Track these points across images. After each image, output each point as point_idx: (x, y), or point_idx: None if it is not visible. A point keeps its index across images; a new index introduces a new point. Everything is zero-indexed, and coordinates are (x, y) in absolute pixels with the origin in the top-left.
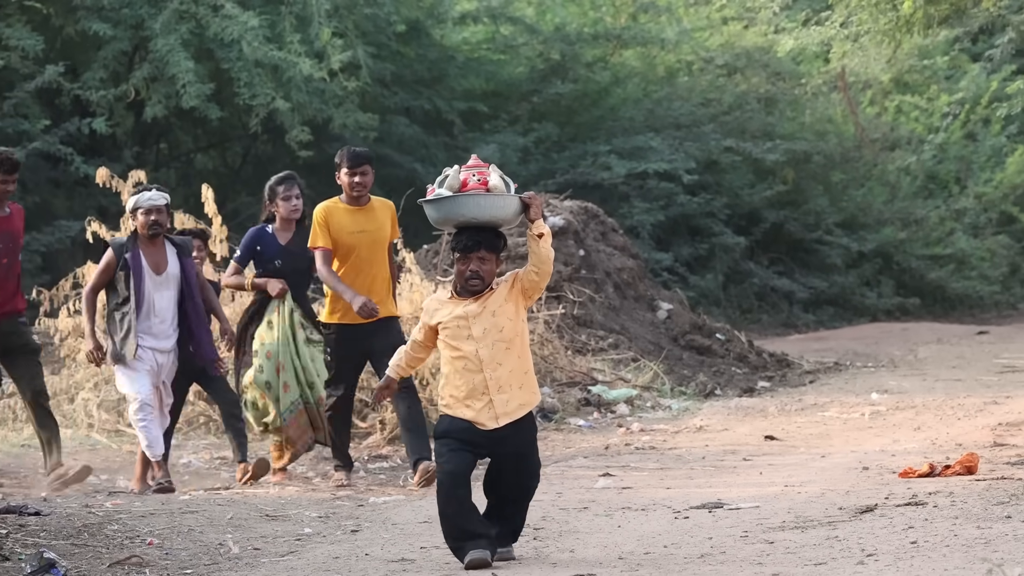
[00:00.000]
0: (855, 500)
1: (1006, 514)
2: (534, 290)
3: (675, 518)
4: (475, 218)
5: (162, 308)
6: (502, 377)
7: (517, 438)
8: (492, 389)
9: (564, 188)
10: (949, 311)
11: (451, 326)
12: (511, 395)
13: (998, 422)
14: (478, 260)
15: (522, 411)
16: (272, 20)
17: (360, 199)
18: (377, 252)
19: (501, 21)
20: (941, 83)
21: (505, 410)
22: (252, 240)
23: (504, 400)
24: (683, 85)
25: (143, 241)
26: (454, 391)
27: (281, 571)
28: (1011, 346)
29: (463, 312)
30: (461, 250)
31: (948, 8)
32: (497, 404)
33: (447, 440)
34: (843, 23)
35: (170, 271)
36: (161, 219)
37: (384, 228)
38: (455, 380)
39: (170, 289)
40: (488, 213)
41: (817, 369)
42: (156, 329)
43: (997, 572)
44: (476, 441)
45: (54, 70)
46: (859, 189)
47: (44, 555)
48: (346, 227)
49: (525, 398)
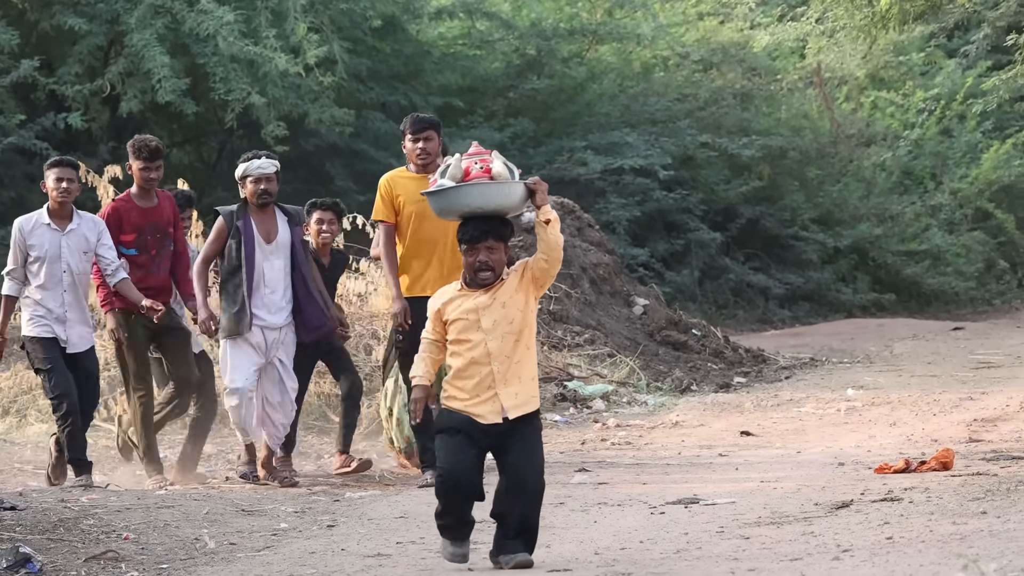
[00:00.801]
0: (831, 496)
1: (981, 510)
2: (545, 278)
3: (651, 514)
4: (481, 208)
5: (272, 278)
6: (510, 370)
7: (523, 433)
8: (499, 382)
9: None
10: (924, 307)
11: (461, 321)
12: (519, 388)
13: (973, 418)
14: (486, 250)
15: (532, 404)
16: (248, 15)
17: (427, 167)
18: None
19: (477, 16)
20: (916, 79)
21: (514, 403)
22: None
23: (512, 393)
24: (659, 81)
25: (253, 210)
26: (459, 384)
27: (257, 566)
28: (986, 342)
29: (473, 305)
30: (468, 241)
31: (924, 4)
32: (503, 397)
33: (447, 434)
34: (819, 19)
35: (280, 239)
36: (271, 187)
37: None
38: (461, 373)
39: (280, 258)
40: (494, 202)
41: (793, 365)
42: (267, 300)
43: (972, 568)
44: (477, 435)
45: (29, 65)
46: (835, 185)
47: (20, 550)
48: (412, 196)
49: (533, 391)
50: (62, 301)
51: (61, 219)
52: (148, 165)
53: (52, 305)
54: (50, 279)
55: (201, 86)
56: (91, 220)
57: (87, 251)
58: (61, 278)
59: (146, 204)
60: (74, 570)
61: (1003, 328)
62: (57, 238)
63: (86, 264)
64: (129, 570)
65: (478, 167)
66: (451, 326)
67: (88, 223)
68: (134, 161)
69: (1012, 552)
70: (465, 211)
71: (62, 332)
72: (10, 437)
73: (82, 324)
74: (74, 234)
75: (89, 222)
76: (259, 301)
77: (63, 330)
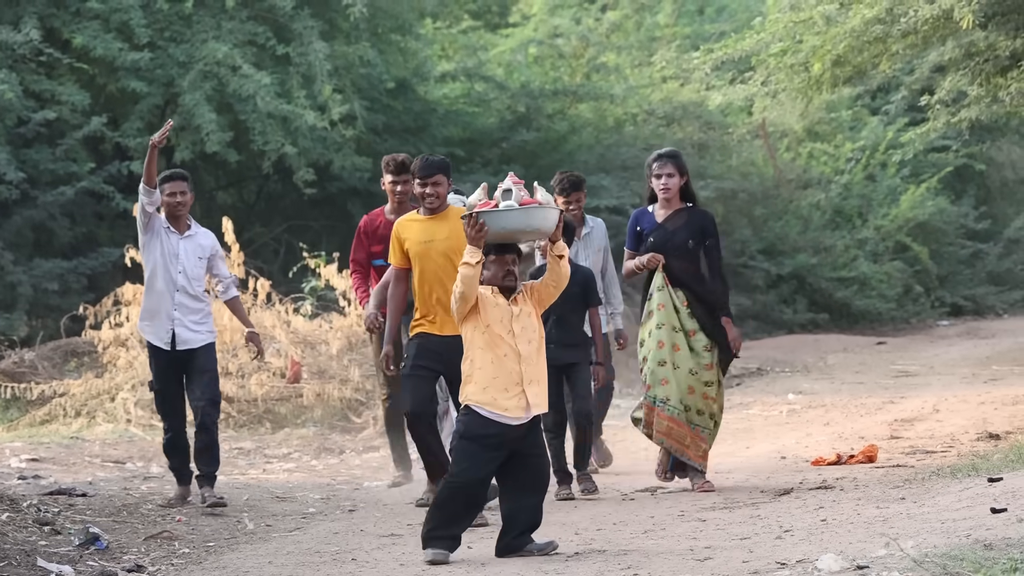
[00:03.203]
0: (774, 484)
1: (901, 496)
2: (548, 300)
3: (623, 500)
4: (538, 229)
5: None
6: (534, 372)
7: (535, 433)
8: (526, 381)
9: None
10: (853, 324)
11: (496, 317)
12: (539, 389)
13: (894, 418)
14: (512, 262)
15: (545, 405)
16: (282, 78)
17: (435, 209)
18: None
19: (475, 79)
20: (846, 132)
21: (536, 401)
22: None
23: (535, 392)
24: (629, 133)
25: None
26: (489, 382)
27: (289, 544)
28: (905, 354)
29: (507, 308)
30: (497, 252)
31: (851, 70)
32: (529, 395)
33: (475, 443)
34: (764, 82)
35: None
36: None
37: (457, 236)
38: (491, 371)
39: None
40: (547, 224)
41: (742, 374)
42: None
43: (893, 545)
44: (503, 443)
45: (98, 121)
46: (777, 221)
47: (90, 530)
48: (416, 237)
49: (546, 392)
50: (173, 301)
51: (179, 227)
52: (396, 179)
53: (162, 304)
54: (165, 278)
55: (242, 138)
56: (207, 233)
57: (201, 256)
58: (176, 278)
59: (396, 218)
60: (135, 547)
61: (919, 343)
62: (176, 239)
63: (199, 269)
64: (181, 547)
65: (526, 194)
66: (490, 318)
67: (204, 234)
68: (385, 176)
69: (926, 532)
70: (522, 233)
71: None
72: (81, 435)
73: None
74: (191, 239)
75: (205, 233)
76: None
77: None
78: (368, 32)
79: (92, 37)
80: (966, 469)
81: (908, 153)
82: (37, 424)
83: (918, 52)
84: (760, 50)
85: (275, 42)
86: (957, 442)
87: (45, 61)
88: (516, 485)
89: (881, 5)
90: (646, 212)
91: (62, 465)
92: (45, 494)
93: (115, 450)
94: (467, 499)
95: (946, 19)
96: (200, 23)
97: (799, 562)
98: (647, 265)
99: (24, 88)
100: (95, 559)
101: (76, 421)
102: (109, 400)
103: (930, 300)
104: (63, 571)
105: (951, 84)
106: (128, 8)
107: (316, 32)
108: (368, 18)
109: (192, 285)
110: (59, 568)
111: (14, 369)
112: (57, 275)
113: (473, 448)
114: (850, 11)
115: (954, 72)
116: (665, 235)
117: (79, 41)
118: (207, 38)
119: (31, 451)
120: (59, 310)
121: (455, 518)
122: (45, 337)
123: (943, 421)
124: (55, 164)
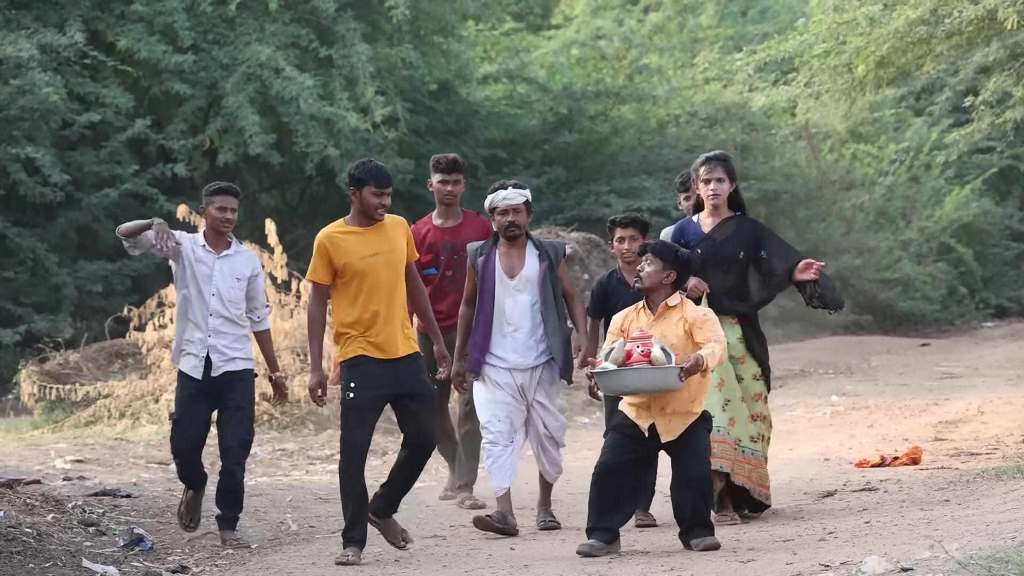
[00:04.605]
0: (818, 486)
1: (945, 498)
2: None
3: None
4: (639, 389)
5: (515, 315)
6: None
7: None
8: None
9: (571, 222)
10: (897, 326)
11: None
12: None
13: (938, 420)
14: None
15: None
16: (325, 80)
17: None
18: (396, 275)
19: (518, 81)
20: (889, 134)
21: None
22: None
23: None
24: (672, 135)
25: (501, 243)
26: (634, 399)
27: (332, 546)
28: (949, 356)
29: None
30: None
31: (895, 71)
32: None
33: (617, 432)
34: (807, 83)
35: (526, 274)
36: (519, 219)
37: (399, 247)
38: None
39: (526, 294)
40: (650, 384)
41: (785, 375)
42: (511, 339)
43: (937, 547)
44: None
45: (142, 123)
46: (821, 223)
47: (134, 531)
48: (357, 252)
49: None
50: (207, 325)
51: (218, 245)
52: (446, 178)
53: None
54: (198, 301)
55: (285, 140)
56: (250, 255)
57: (240, 278)
58: (208, 300)
59: (445, 223)
60: (179, 548)
61: (963, 344)
62: (212, 259)
63: (237, 291)
64: (225, 548)
65: (639, 351)
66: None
67: (246, 256)
68: (433, 175)
69: (971, 534)
70: (626, 391)
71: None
72: (126, 436)
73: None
74: (228, 260)
75: (248, 256)
76: (500, 340)
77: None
78: (411, 34)
79: (136, 40)
80: (1011, 471)
81: (952, 154)
82: (82, 425)
83: (962, 53)
84: (803, 51)
85: (318, 44)
86: (1002, 444)
87: (89, 64)
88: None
89: (925, 6)
90: (691, 222)
91: (107, 466)
92: (90, 495)
93: (159, 451)
94: (615, 489)
95: (991, 19)
96: (243, 25)
97: (843, 564)
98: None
99: (69, 91)
100: (140, 560)
101: (120, 422)
102: (153, 401)
103: (974, 302)
104: (108, 572)
105: (996, 85)
106: (172, 11)
107: (359, 34)
108: (411, 20)
109: (228, 308)
110: (104, 569)
111: (59, 371)
112: (101, 277)
113: (617, 437)
114: (894, 12)
115: (999, 73)
116: (713, 246)
117: (123, 44)
118: (250, 40)
119: (76, 452)
120: (103, 312)
121: (605, 509)
122: (90, 339)
123: (988, 423)
124: (99, 166)
